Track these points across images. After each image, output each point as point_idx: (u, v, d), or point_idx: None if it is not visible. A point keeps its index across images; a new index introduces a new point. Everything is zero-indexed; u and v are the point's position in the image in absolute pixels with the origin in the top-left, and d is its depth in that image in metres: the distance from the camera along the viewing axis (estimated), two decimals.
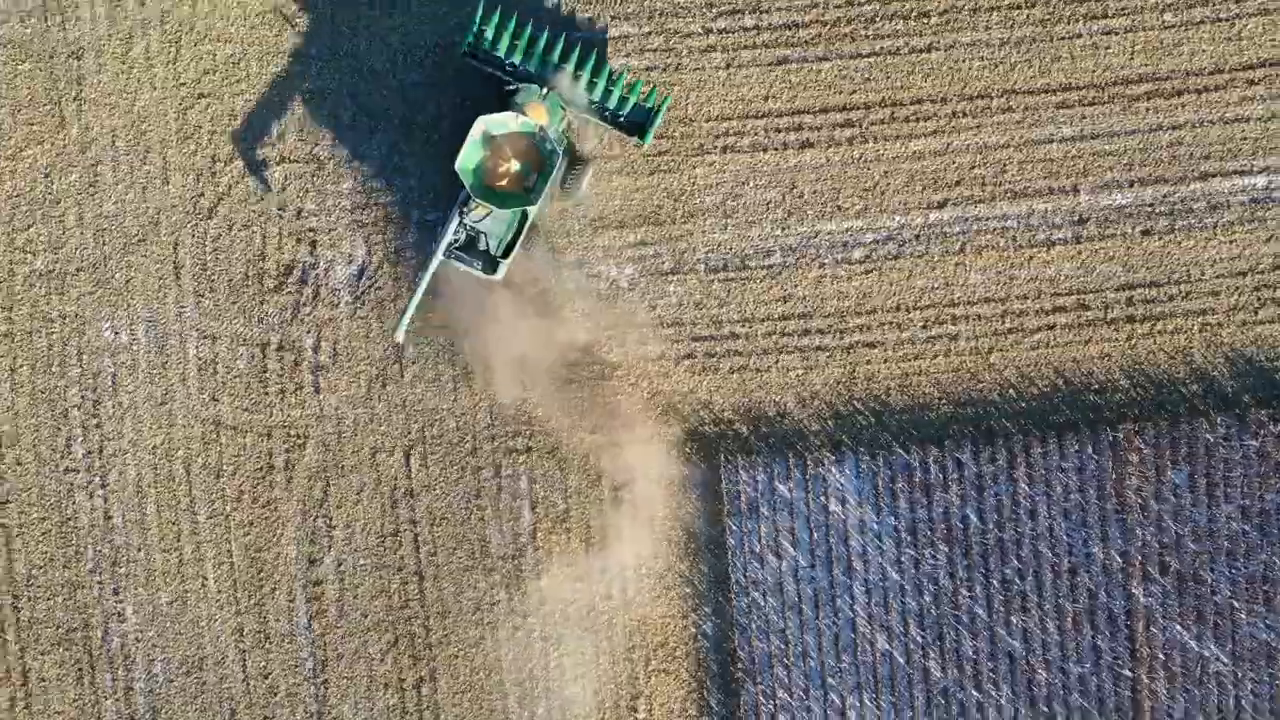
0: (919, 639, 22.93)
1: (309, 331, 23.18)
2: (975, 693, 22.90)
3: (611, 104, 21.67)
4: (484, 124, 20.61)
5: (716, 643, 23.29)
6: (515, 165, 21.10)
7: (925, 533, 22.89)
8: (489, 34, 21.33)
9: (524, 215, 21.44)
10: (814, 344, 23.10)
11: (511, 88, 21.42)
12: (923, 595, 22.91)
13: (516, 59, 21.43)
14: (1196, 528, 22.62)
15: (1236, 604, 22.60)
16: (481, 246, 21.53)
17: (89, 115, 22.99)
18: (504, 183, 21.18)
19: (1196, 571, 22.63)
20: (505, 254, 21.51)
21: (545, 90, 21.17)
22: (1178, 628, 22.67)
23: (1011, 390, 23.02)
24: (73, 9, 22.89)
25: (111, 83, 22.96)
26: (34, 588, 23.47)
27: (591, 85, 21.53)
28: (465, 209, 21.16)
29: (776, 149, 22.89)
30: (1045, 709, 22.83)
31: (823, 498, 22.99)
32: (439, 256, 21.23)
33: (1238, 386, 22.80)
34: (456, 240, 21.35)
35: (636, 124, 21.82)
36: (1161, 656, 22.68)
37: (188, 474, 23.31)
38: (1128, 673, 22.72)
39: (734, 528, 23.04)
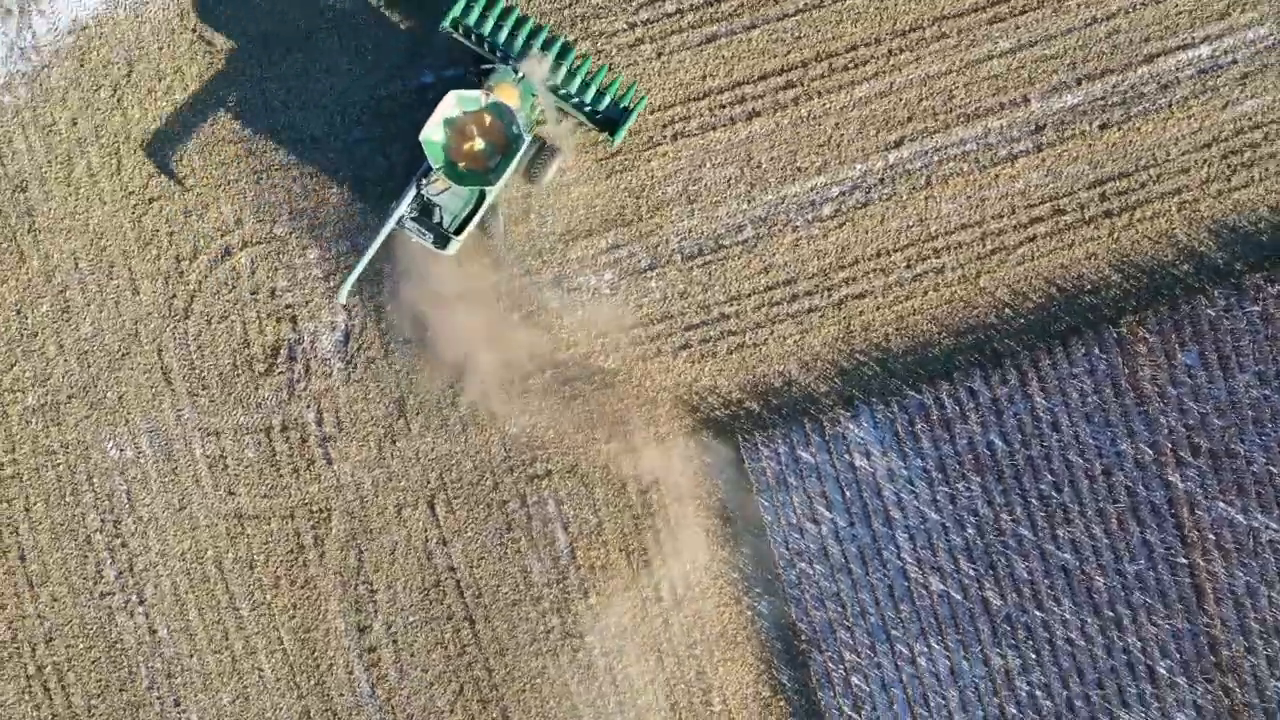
0: (971, 573, 22.92)
1: (308, 406, 23.16)
2: (1038, 612, 22.89)
3: (587, 98, 21.57)
4: (454, 97, 20.48)
5: (774, 620, 23.27)
6: (480, 144, 20.92)
7: (954, 467, 22.87)
8: (475, 10, 21.23)
9: (482, 195, 21.32)
10: (804, 307, 23.08)
11: (487, 67, 21.38)
12: (965, 529, 22.90)
13: (500, 38, 21.28)
14: (1218, 403, 22.60)
15: (1274, 469, 22.57)
16: (436, 219, 21.37)
17: (47, 244, 22.97)
18: (467, 161, 21.06)
19: (1228, 446, 22.61)
20: (458, 231, 21.35)
21: (520, 74, 21.13)
22: (1221, 505, 22.65)
23: (1008, 309, 23.00)
24: (6, 143, 22.86)
25: (61, 207, 22.94)
26: (95, 717, 23.45)
27: (569, 77, 21.46)
28: (424, 180, 21.00)
29: (725, 125, 22.86)
30: (1110, 612, 22.81)
31: (847, 455, 22.97)
32: (391, 224, 21.07)
33: (1228, 256, 22.77)
34: (412, 211, 21.24)
35: (609, 120, 21.73)
36: (1212, 537, 22.66)
37: (221, 572, 23.30)
38: (1183, 560, 22.71)
39: (766, 503, 23.03)
